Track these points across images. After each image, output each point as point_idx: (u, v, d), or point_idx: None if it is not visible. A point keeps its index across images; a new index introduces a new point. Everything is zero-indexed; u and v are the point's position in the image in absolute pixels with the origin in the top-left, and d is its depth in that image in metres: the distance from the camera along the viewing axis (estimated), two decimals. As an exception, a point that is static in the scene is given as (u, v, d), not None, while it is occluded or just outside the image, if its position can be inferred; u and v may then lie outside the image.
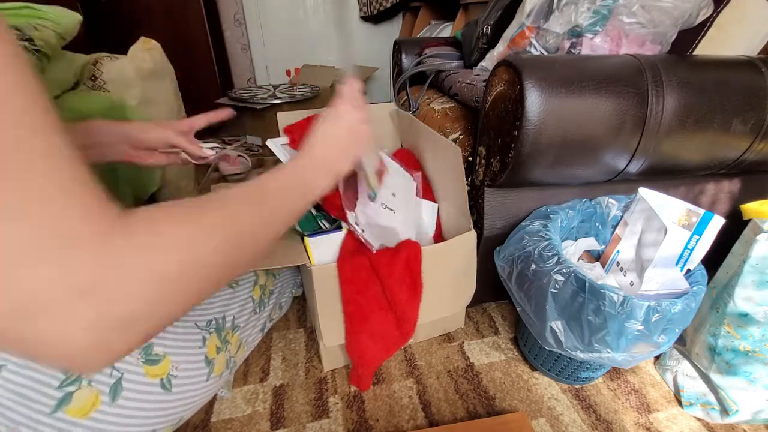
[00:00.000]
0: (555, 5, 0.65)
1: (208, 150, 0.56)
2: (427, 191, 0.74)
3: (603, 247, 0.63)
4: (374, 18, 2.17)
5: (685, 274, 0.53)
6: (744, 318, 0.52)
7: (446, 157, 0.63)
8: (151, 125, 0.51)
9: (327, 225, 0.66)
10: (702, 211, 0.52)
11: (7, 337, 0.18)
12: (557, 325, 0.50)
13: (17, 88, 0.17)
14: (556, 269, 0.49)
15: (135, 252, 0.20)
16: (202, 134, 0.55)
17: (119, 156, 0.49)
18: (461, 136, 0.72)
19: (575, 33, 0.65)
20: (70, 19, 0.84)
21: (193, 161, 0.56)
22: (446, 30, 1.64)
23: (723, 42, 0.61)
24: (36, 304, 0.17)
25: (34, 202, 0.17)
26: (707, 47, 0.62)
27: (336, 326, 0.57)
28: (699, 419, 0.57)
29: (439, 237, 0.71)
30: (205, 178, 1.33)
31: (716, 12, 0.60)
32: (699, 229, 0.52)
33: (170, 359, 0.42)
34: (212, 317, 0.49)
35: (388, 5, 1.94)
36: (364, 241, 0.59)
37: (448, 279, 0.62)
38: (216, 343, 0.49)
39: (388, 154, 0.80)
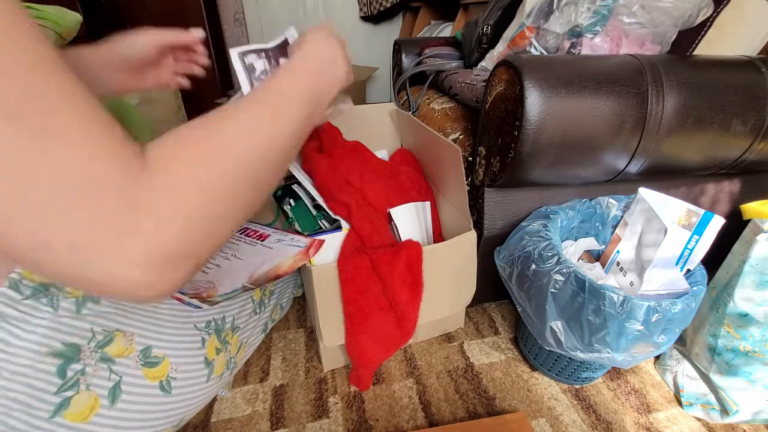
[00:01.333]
0: (555, 5, 0.65)
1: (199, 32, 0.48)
2: (428, 192, 0.74)
3: (603, 247, 0.63)
4: (374, 18, 2.17)
5: (685, 274, 0.53)
6: (744, 318, 0.52)
7: (446, 157, 0.63)
8: (132, 36, 0.43)
9: (327, 225, 0.65)
10: (702, 211, 0.52)
11: (68, 275, 0.19)
12: (557, 325, 0.50)
13: (23, 34, 0.18)
14: (556, 269, 0.49)
15: (159, 193, 0.21)
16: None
17: (112, 87, 0.42)
18: (461, 136, 0.72)
19: (575, 33, 0.65)
20: (71, 19, 0.84)
21: (200, 62, 0.50)
22: (446, 30, 1.64)
23: (723, 42, 0.61)
24: (81, 244, 0.18)
25: (60, 147, 0.18)
26: (707, 47, 0.62)
27: (336, 327, 0.57)
28: (699, 419, 0.57)
29: (439, 237, 0.71)
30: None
31: (716, 12, 0.60)
32: (699, 229, 0.52)
33: (169, 361, 0.42)
34: (211, 318, 0.49)
35: (388, 5, 1.94)
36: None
37: (448, 279, 0.62)
38: (215, 345, 0.49)
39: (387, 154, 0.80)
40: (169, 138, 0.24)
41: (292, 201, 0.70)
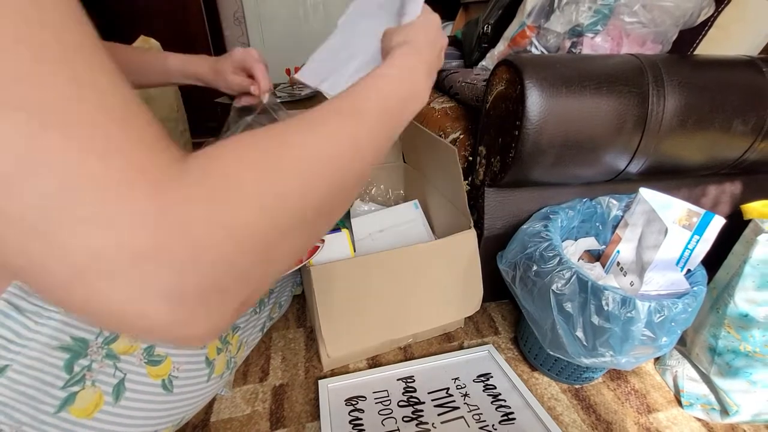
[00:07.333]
0: (556, 4, 0.65)
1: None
2: None
3: (603, 246, 0.63)
4: (374, 17, 2.16)
5: (686, 274, 0.53)
6: (745, 318, 0.52)
7: (443, 157, 0.62)
8: (225, 71, 0.53)
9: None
10: (702, 211, 0.52)
11: (78, 306, 0.15)
12: (561, 328, 0.50)
13: (71, 21, 0.15)
14: (558, 270, 0.49)
15: (200, 205, 0.16)
16: (202, 133, 0.55)
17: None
18: (461, 136, 0.72)
19: (576, 32, 0.64)
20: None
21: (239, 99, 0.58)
22: (446, 29, 1.64)
23: (724, 41, 0.61)
24: (95, 268, 0.14)
25: (85, 149, 0.14)
26: (708, 47, 0.62)
27: (339, 332, 0.56)
28: (699, 419, 0.57)
29: None
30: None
31: (717, 12, 0.60)
32: (699, 229, 0.52)
33: (171, 360, 0.42)
34: None
35: (388, 4, 1.93)
36: None
37: (450, 281, 0.61)
38: (216, 344, 0.49)
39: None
40: (224, 147, 0.18)
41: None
